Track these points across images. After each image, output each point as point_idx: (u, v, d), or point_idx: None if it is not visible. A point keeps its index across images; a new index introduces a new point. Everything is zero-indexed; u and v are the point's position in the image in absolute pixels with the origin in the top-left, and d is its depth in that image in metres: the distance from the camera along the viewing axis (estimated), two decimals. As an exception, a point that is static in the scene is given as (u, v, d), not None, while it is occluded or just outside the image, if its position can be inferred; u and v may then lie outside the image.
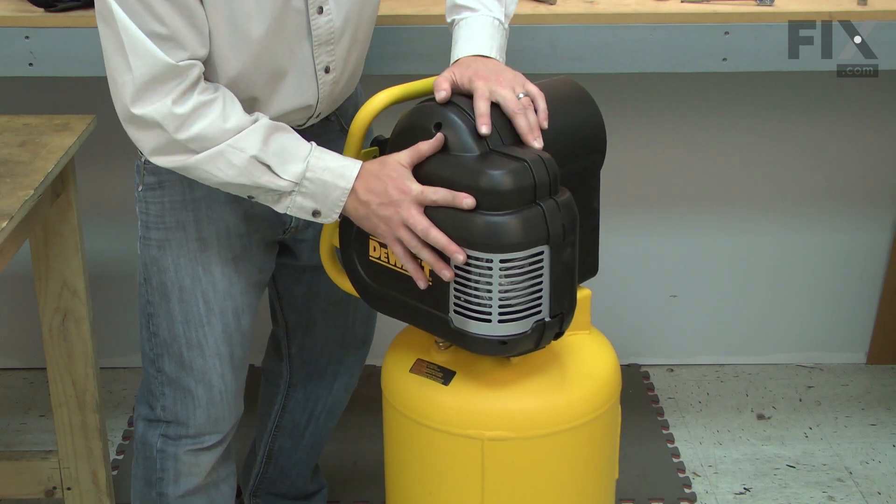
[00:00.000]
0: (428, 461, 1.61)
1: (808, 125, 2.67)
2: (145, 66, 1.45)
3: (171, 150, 1.51)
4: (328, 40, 1.59)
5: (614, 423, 1.67)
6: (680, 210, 2.76)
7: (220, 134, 1.49)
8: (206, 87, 1.51)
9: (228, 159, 1.50)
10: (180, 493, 1.81)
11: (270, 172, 1.51)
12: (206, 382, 1.75)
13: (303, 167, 1.51)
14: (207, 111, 1.49)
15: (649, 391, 2.81)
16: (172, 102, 1.46)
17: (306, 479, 2.16)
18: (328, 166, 1.51)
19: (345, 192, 1.52)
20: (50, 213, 1.96)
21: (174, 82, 1.46)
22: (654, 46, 2.08)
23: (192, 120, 1.48)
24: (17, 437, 2.63)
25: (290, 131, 1.55)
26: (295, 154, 1.52)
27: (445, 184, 1.45)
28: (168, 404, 1.77)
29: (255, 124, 1.51)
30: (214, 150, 1.50)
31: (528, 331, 1.47)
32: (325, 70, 1.62)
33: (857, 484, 2.47)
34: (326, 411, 2.08)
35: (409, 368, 1.62)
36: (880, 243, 2.80)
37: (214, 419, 1.78)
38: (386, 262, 1.56)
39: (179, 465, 1.79)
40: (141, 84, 1.46)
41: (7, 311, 2.82)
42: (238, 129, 1.50)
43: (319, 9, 1.55)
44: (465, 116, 1.48)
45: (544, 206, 1.44)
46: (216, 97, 1.50)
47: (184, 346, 1.73)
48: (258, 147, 1.50)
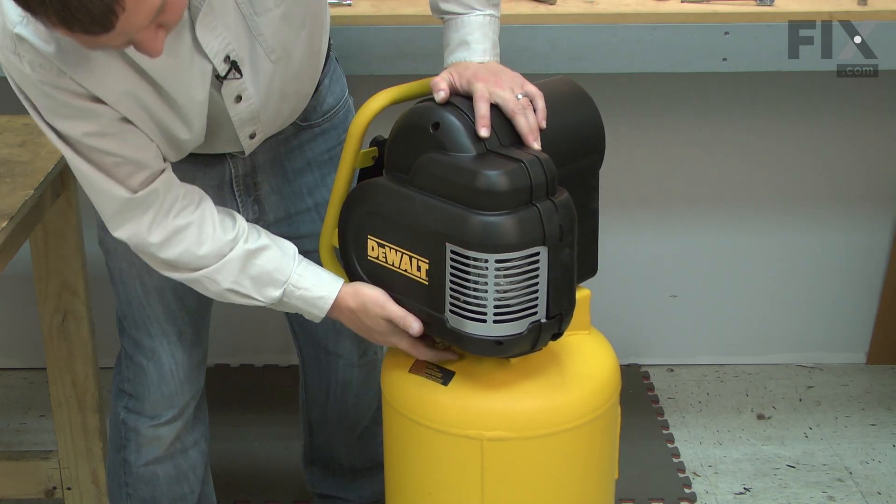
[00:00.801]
0: (427, 461, 1.61)
1: (808, 125, 2.67)
2: (107, 203, 1.51)
3: (155, 264, 1.59)
4: (251, 119, 1.60)
5: (614, 424, 1.67)
6: (680, 210, 2.76)
7: (195, 260, 1.56)
8: (183, 208, 1.54)
9: (205, 286, 1.59)
10: (142, 462, 1.87)
11: (247, 297, 1.60)
12: (157, 361, 1.80)
13: (279, 293, 1.60)
14: (182, 237, 1.54)
15: (649, 391, 2.81)
16: (147, 231, 1.53)
17: (353, 454, 2.16)
18: (304, 297, 1.60)
19: (319, 317, 1.63)
20: (50, 213, 1.96)
21: (140, 211, 1.51)
22: (654, 46, 2.08)
23: (167, 246, 1.54)
24: (17, 437, 2.63)
25: (271, 250, 1.60)
26: (274, 278, 1.59)
27: (442, 183, 1.45)
28: (130, 377, 1.84)
29: (231, 254, 1.57)
30: (191, 276, 1.57)
31: (524, 332, 1.47)
32: (249, 136, 1.63)
33: (857, 484, 2.47)
34: (341, 386, 2.08)
35: (408, 368, 1.62)
36: (880, 243, 2.80)
37: (168, 396, 1.83)
38: (384, 262, 1.56)
39: (140, 438, 1.85)
40: (109, 215, 1.53)
41: (7, 311, 2.82)
42: (214, 256, 1.56)
43: (238, 97, 1.55)
44: (462, 117, 1.48)
45: (541, 207, 1.43)
46: (191, 222, 1.54)
47: (132, 326, 1.80)
48: (232, 279, 1.58)
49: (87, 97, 1.42)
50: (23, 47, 1.36)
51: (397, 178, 1.52)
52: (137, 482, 1.89)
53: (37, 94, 1.42)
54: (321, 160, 1.80)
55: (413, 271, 1.51)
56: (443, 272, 1.46)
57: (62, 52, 1.36)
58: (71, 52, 1.36)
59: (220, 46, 1.46)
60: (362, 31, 2.05)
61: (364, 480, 2.17)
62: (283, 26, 1.51)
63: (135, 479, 1.89)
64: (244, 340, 2.86)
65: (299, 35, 1.56)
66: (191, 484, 1.93)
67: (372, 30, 1.95)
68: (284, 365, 2.89)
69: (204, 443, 1.94)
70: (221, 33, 1.45)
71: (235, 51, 1.48)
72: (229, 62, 1.48)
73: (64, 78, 1.39)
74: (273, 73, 1.55)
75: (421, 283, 1.51)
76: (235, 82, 1.52)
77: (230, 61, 1.48)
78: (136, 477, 1.89)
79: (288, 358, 2.89)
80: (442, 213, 1.44)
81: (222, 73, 1.48)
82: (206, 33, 1.44)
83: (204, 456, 1.95)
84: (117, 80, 1.42)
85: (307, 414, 2.16)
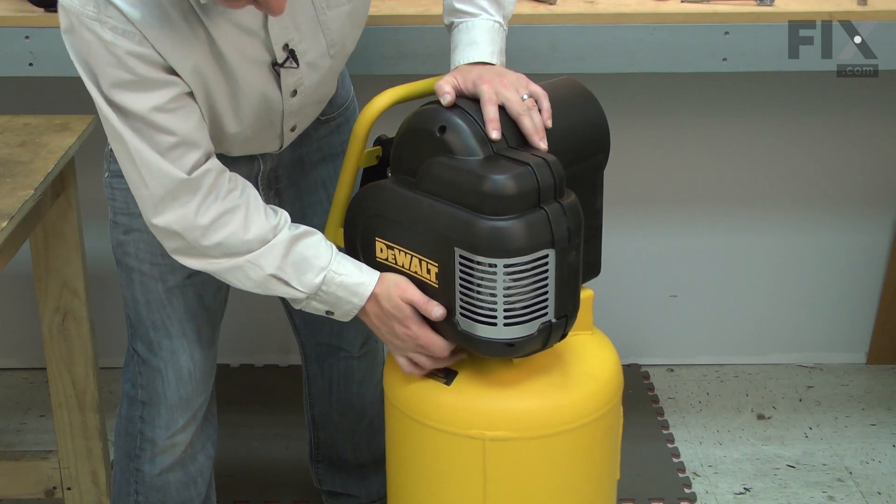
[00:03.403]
0: (430, 461, 1.61)
1: (808, 125, 2.67)
2: (160, 184, 1.49)
3: (193, 253, 1.56)
4: (299, 111, 1.64)
5: (616, 424, 1.67)
6: (680, 210, 2.76)
7: (241, 244, 1.54)
8: (230, 191, 1.54)
9: (247, 273, 1.56)
10: (156, 471, 1.86)
11: (287, 285, 1.58)
12: (175, 363, 1.78)
13: (319, 279, 1.57)
14: (229, 220, 1.53)
15: (649, 391, 2.81)
16: (195, 213, 1.51)
17: (358, 448, 2.16)
18: (343, 283, 1.57)
19: (357, 307, 1.59)
20: (50, 213, 1.96)
21: (191, 193, 1.50)
22: (654, 46, 2.08)
23: (214, 229, 1.52)
24: (17, 437, 2.63)
25: (313, 235, 1.59)
26: (313, 265, 1.57)
27: (449, 188, 1.45)
28: (145, 384, 1.82)
29: (276, 239, 1.56)
30: (233, 262, 1.55)
31: (535, 333, 1.47)
32: (290, 129, 1.68)
33: (857, 484, 2.47)
34: (343, 378, 2.08)
35: (410, 368, 1.62)
36: (880, 243, 2.80)
37: (185, 399, 1.82)
38: (393, 264, 1.56)
39: (156, 448, 1.84)
40: (159, 199, 1.50)
41: (7, 311, 2.82)
42: (259, 240, 1.55)
43: (294, 92, 1.59)
44: (469, 120, 1.48)
45: (549, 210, 1.43)
46: (238, 205, 1.54)
47: (150, 328, 1.78)
48: (276, 265, 1.56)
49: (162, 67, 1.44)
50: (108, 12, 1.40)
51: (404, 181, 1.52)
52: (149, 491, 1.88)
53: (108, 65, 1.43)
54: (336, 153, 1.84)
55: (423, 274, 1.51)
56: (452, 275, 1.46)
57: (146, 19, 1.41)
58: (154, 19, 1.41)
59: (282, 34, 1.51)
60: (362, 31, 2.05)
61: (371, 476, 2.18)
62: (347, 23, 1.58)
63: (147, 489, 1.87)
64: (244, 340, 2.86)
65: (356, 34, 1.63)
66: (198, 488, 1.93)
67: (372, 30, 1.94)
68: (284, 365, 2.89)
69: (211, 447, 1.94)
70: (286, 22, 1.50)
71: (296, 41, 1.53)
72: (287, 50, 1.52)
73: (145, 45, 1.42)
74: (329, 68, 1.61)
75: (431, 286, 1.51)
76: (295, 76, 1.56)
77: (288, 49, 1.52)
78: (148, 486, 1.87)
79: (288, 358, 2.89)
80: (449, 217, 1.44)
81: (280, 60, 1.52)
82: (273, 20, 1.47)
83: (210, 460, 1.95)
84: (192, 53, 1.45)
85: (311, 409, 2.17)
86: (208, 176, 1.51)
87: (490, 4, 1.64)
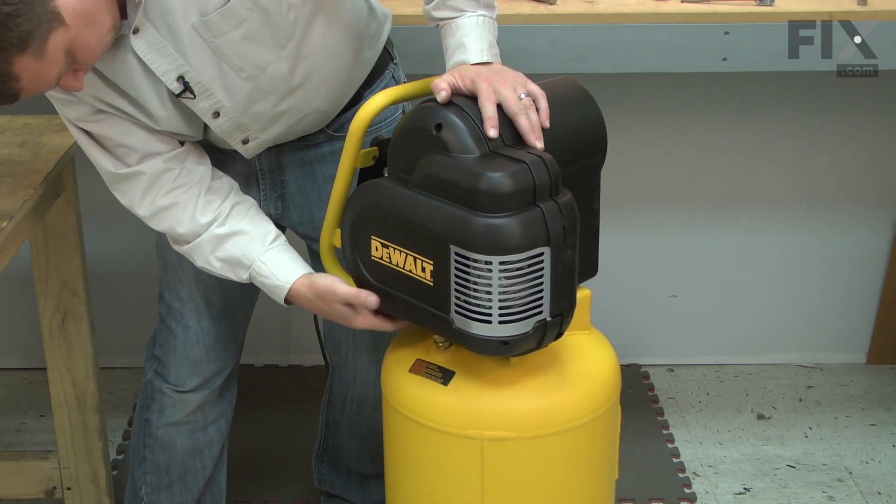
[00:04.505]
0: (427, 461, 1.61)
1: (808, 125, 2.67)
2: (102, 172, 1.65)
3: None
4: (237, 129, 1.65)
5: (614, 424, 1.67)
6: (680, 210, 2.76)
7: (178, 236, 1.69)
8: (172, 189, 1.65)
9: (193, 258, 1.71)
10: (162, 423, 1.94)
11: (223, 275, 1.70)
12: (184, 324, 1.88)
13: (247, 276, 1.69)
14: (165, 215, 1.66)
15: (649, 391, 2.81)
16: (137, 203, 1.66)
17: (362, 460, 2.18)
18: (263, 283, 1.68)
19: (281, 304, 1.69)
20: (50, 213, 1.96)
21: (129, 185, 1.65)
22: (653, 46, 2.08)
23: (155, 221, 1.68)
24: (17, 437, 2.63)
25: (244, 236, 1.67)
26: (242, 263, 1.68)
27: (445, 185, 1.45)
28: (161, 341, 1.92)
29: (203, 236, 1.67)
30: (179, 248, 1.71)
31: (530, 331, 1.47)
32: (242, 143, 1.68)
33: (857, 484, 2.47)
34: (357, 401, 2.09)
35: (408, 368, 1.62)
36: (880, 243, 2.80)
37: (193, 362, 1.90)
38: (388, 262, 1.56)
39: (164, 399, 1.93)
40: (107, 183, 1.67)
41: (7, 311, 2.82)
42: (191, 234, 1.67)
43: (215, 114, 1.61)
44: (465, 117, 1.48)
45: (544, 208, 1.43)
46: (175, 203, 1.65)
47: (166, 290, 1.90)
48: (204, 259, 1.69)
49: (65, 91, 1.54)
50: None
51: (400, 179, 1.52)
52: (155, 444, 1.95)
53: None
54: None
55: (417, 272, 1.51)
56: (447, 273, 1.46)
57: None
58: None
59: (171, 67, 1.53)
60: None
61: (372, 486, 2.18)
62: (249, 46, 1.54)
63: (153, 441, 1.95)
64: (244, 340, 2.86)
65: (278, 54, 1.57)
66: (204, 461, 1.99)
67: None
68: (284, 365, 2.89)
69: (224, 423, 2.00)
70: (172, 54, 1.52)
71: (192, 72, 1.54)
72: (182, 82, 1.54)
73: None
74: (251, 89, 1.59)
75: (426, 284, 1.51)
76: (209, 100, 1.58)
77: (183, 81, 1.54)
78: (154, 438, 1.95)
79: (288, 358, 2.89)
80: (445, 214, 1.44)
81: (176, 91, 1.55)
82: (152, 53, 1.51)
83: (222, 437, 2.00)
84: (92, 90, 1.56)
85: (327, 414, 2.19)
86: (139, 176, 1.63)
87: (467, 2, 1.61)
